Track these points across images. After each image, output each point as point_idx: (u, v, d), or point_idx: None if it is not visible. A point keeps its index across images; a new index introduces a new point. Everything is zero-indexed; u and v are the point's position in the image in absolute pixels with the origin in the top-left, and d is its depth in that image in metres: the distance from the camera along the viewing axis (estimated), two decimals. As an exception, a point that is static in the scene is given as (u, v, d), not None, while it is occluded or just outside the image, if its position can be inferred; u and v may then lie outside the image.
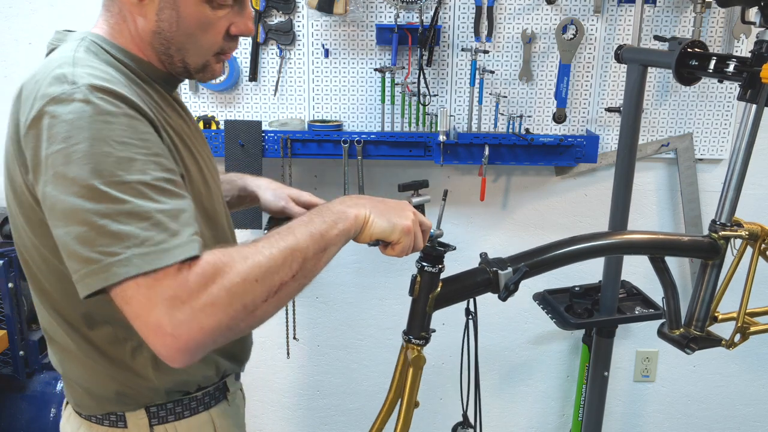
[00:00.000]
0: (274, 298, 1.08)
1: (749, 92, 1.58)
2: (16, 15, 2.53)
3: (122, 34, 1.26)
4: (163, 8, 1.21)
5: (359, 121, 2.60)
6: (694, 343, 1.59)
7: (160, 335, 0.98)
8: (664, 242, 1.50)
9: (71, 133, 1.03)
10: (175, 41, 1.24)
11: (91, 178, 1.01)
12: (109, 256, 0.99)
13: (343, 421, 3.05)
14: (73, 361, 1.31)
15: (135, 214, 1.01)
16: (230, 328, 1.03)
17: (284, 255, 1.09)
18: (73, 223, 1.01)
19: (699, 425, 3.06)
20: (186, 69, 1.29)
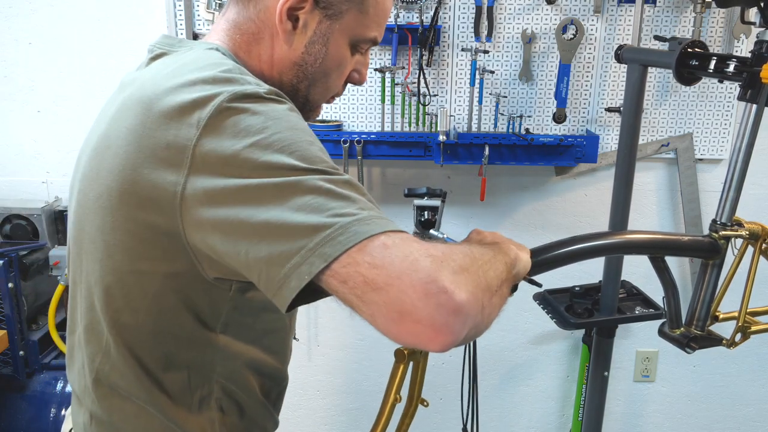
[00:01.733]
0: (498, 293, 0.93)
1: (749, 92, 1.58)
2: (16, 15, 2.52)
3: (248, 54, 1.19)
4: (315, 42, 1.17)
5: (359, 121, 2.60)
6: (694, 342, 1.59)
7: (434, 293, 0.80)
8: (665, 242, 1.50)
9: (267, 124, 0.95)
10: (312, 76, 1.20)
11: (302, 162, 0.91)
12: (347, 216, 0.85)
13: (343, 421, 3.05)
14: (127, 409, 1.17)
15: (354, 185, 0.93)
16: (483, 307, 0.86)
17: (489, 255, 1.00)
18: (291, 196, 0.88)
19: (699, 425, 3.06)
20: (304, 105, 1.23)
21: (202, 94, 0.97)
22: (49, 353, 2.55)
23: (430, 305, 0.80)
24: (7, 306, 2.34)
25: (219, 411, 1.19)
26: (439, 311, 0.80)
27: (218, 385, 1.18)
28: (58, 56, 2.55)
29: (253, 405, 1.25)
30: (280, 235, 0.86)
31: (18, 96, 2.60)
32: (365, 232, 0.84)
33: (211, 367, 1.16)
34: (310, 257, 0.84)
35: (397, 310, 0.80)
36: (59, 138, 2.62)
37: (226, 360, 1.17)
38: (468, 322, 0.82)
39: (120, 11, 2.51)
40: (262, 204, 0.88)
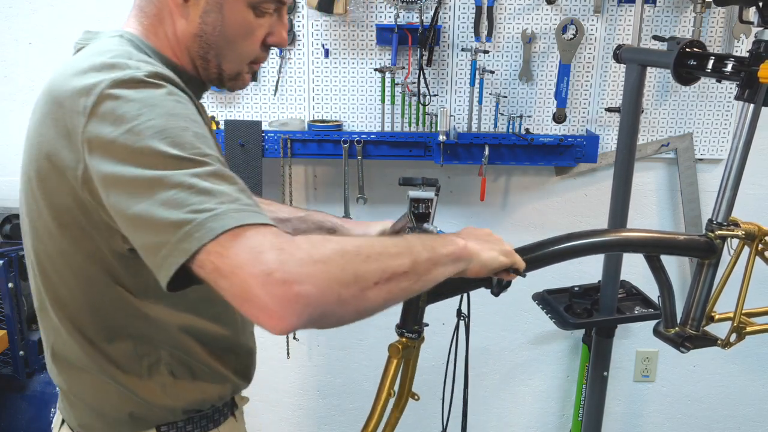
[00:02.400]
0: (385, 286, 0.99)
1: (747, 92, 1.58)
2: (16, 15, 2.53)
3: (157, 35, 1.24)
4: (209, 11, 1.20)
5: (359, 121, 2.61)
6: (689, 341, 1.59)
7: (269, 283, 0.87)
8: (660, 240, 1.50)
9: (141, 111, 0.99)
10: (216, 46, 1.23)
11: (173, 149, 0.96)
12: (203, 212, 0.91)
13: (343, 421, 3.05)
14: (84, 380, 1.25)
15: (223, 176, 0.97)
16: (340, 299, 0.93)
17: (397, 248, 1.04)
18: (158, 191, 0.94)
19: (699, 425, 3.06)
20: (220, 75, 1.28)
21: (87, 82, 1.04)
22: (50, 353, 2.55)
23: (267, 294, 0.87)
24: (7, 306, 2.34)
25: (170, 376, 1.25)
26: (275, 300, 0.87)
27: (165, 351, 1.23)
28: (58, 56, 2.55)
29: (204, 370, 1.29)
30: (149, 228, 0.94)
31: (18, 96, 2.60)
32: (219, 227, 0.90)
33: (152, 336, 1.22)
34: (173, 251, 0.91)
35: (240, 296, 0.89)
36: (60, 138, 2.62)
37: (165, 328, 1.22)
38: (307, 311, 0.89)
39: (120, 11, 2.49)
40: (135, 196, 0.95)
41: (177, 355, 1.25)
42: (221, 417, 1.38)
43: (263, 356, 2.89)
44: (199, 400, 1.31)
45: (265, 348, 2.91)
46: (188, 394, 1.28)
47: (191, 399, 1.29)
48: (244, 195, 0.97)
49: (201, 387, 1.30)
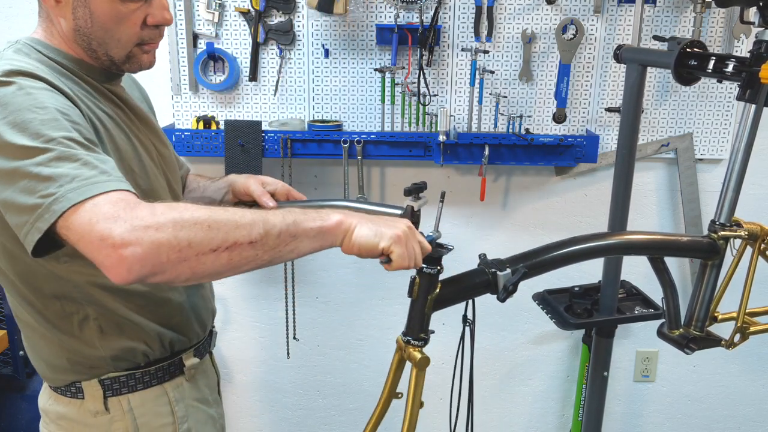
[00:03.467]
0: (224, 254, 1.12)
1: (748, 92, 1.58)
2: (16, 15, 2.53)
3: (53, 35, 1.37)
4: (77, 7, 1.32)
5: (359, 121, 2.60)
6: (693, 343, 1.59)
7: (104, 246, 1.05)
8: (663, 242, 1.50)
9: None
10: (94, 36, 1.35)
11: (22, 140, 1.12)
12: (49, 197, 1.08)
13: (343, 421, 3.05)
14: (34, 336, 1.45)
15: (64, 158, 1.12)
16: (170, 260, 1.08)
17: (247, 220, 1.15)
18: (15, 180, 1.12)
19: (699, 425, 3.06)
20: (112, 61, 1.39)
21: None
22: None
23: (102, 255, 1.06)
24: (7, 306, 2.34)
25: (98, 329, 1.42)
26: (109, 260, 1.06)
27: (91, 308, 1.40)
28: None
29: (127, 323, 1.45)
30: (13, 211, 1.13)
31: (18, 96, 2.59)
32: (59, 209, 1.07)
33: (74, 295, 1.39)
34: (31, 230, 1.10)
35: (88, 256, 1.08)
36: (59, 138, 2.62)
37: (80, 287, 1.38)
38: (135, 268, 1.06)
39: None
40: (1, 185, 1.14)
41: (100, 311, 1.41)
42: (166, 375, 1.52)
43: (263, 356, 2.91)
44: (128, 348, 1.45)
45: (265, 348, 2.94)
46: (115, 345, 1.44)
47: (119, 347, 1.44)
48: (86, 168, 1.11)
49: (127, 339, 1.45)
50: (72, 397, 1.47)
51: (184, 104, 2.57)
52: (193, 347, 1.59)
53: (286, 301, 2.77)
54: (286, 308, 2.78)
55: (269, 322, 2.88)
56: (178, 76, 2.53)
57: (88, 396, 1.46)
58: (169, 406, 1.52)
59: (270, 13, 2.48)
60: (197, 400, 1.59)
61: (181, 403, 1.53)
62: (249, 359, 2.94)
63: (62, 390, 1.48)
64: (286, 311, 2.78)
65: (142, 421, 1.48)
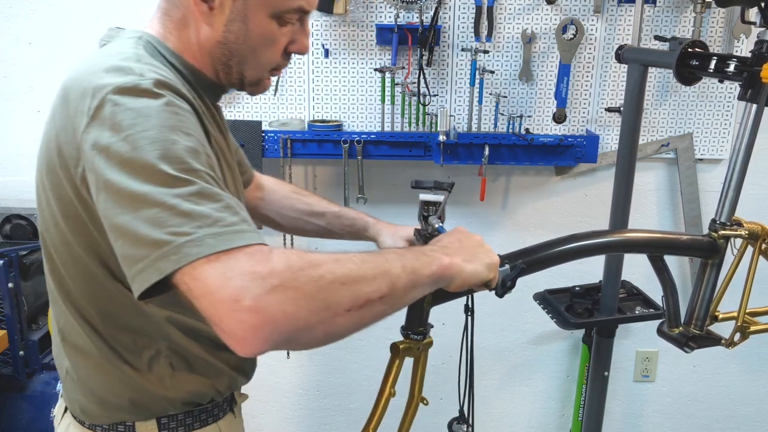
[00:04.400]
0: (357, 312, 1.00)
1: (749, 92, 1.57)
2: (16, 15, 2.53)
3: (180, 39, 1.25)
4: (233, 20, 1.21)
5: (359, 121, 2.60)
6: (693, 341, 1.59)
7: (236, 310, 0.89)
8: (663, 241, 1.50)
9: (137, 121, 1.01)
10: (239, 53, 1.25)
11: (161, 163, 0.98)
12: (181, 236, 0.93)
13: (343, 421, 3.05)
14: (90, 365, 1.29)
15: (206, 195, 0.98)
16: (308, 325, 0.94)
17: (375, 272, 1.03)
18: (142, 207, 0.96)
19: (699, 425, 3.06)
20: (241, 81, 1.30)
21: (95, 83, 1.06)
22: (49, 353, 2.54)
23: (233, 321, 0.89)
24: (7, 306, 2.34)
25: (169, 368, 1.29)
26: (241, 327, 0.89)
27: (163, 344, 1.28)
28: (57, 56, 2.55)
29: (202, 363, 1.33)
30: (129, 241, 0.97)
31: (18, 96, 2.60)
32: (194, 254, 0.92)
33: (149, 330, 1.26)
34: (149, 268, 0.94)
35: (210, 318, 0.92)
36: (59, 138, 2.62)
37: (159, 323, 1.26)
38: (272, 337, 0.91)
39: (120, 11, 2.51)
40: (121, 206, 0.98)
41: (175, 348, 1.29)
42: (220, 412, 1.41)
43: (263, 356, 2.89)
44: (197, 392, 1.34)
45: (265, 348, 2.92)
46: (186, 386, 1.32)
47: (189, 390, 1.32)
48: (228, 213, 0.98)
49: (198, 380, 1.33)
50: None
51: (184, 104, 2.56)
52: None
53: (286, 301, 2.77)
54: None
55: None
56: (179, 76, 2.53)
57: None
58: None
59: (270, 13, 2.47)
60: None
61: None
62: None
63: (105, 428, 1.33)
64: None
65: None
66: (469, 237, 1.31)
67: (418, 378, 1.48)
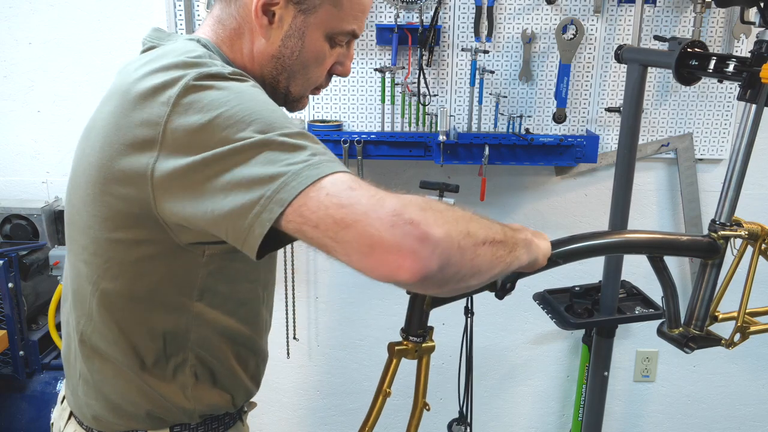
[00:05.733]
0: (490, 248, 0.98)
1: (749, 92, 1.57)
2: (16, 15, 2.53)
3: (232, 48, 1.27)
4: (290, 36, 1.23)
5: (359, 121, 2.60)
6: (693, 342, 1.59)
7: (400, 224, 0.86)
8: (663, 241, 1.50)
9: (230, 97, 1.02)
10: (290, 68, 1.27)
11: (264, 128, 0.98)
12: (298, 165, 0.92)
13: (343, 421, 3.05)
14: (108, 370, 1.26)
15: (309, 136, 1.00)
16: (461, 247, 0.92)
17: (488, 221, 1.04)
18: (252, 154, 0.95)
19: (699, 425, 3.06)
20: (286, 96, 1.31)
21: (171, 76, 1.05)
22: (49, 353, 2.55)
23: (397, 234, 0.85)
24: (7, 306, 2.34)
25: (193, 377, 1.27)
26: (406, 239, 0.85)
27: (193, 353, 1.25)
28: (57, 56, 2.55)
29: (226, 373, 1.32)
30: (240, 188, 0.94)
31: (18, 96, 2.60)
32: (315, 174, 0.91)
33: (187, 335, 1.23)
34: (269, 204, 0.91)
35: (367, 243, 0.87)
36: (59, 138, 2.62)
37: (201, 327, 1.24)
38: (437, 251, 0.87)
39: (120, 11, 2.51)
40: (226, 168, 0.95)
41: (204, 357, 1.27)
42: (231, 420, 1.41)
43: (263, 356, 2.90)
44: (215, 405, 1.33)
45: (265, 348, 2.92)
46: (206, 399, 1.30)
47: (208, 404, 1.31)
48: (330, 154, 0.98)
49: (219, 393, 1.32)
50: None
51: (184, 104, 2.56)
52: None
53: (286, 301, 2.77)
54: (286, 308, 2.78)
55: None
56: (178, 76, 2.53)
57: None
58: None
59: (270, 13, 2.47)
60: None
61: None
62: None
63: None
64: (286, 311, 2.78)
65: None
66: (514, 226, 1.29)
67: (422, 383, 1.47)
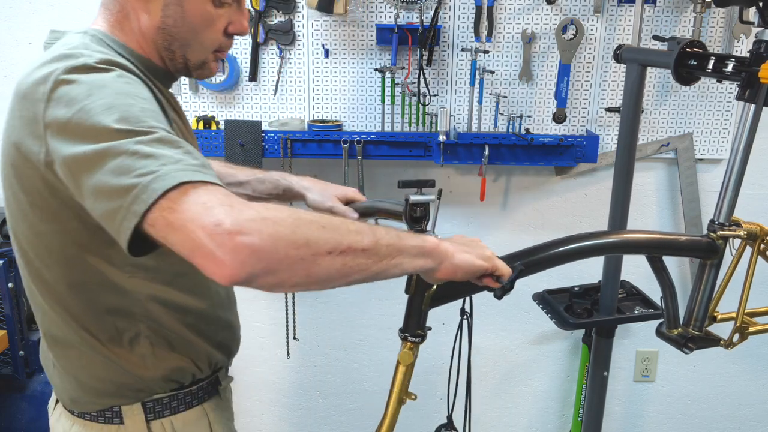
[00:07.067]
0: (339, 258, 1.02)
1: (748, 92, 1.58)
2: (16, 15, 2.53)
3: (123, 30, 1.30)
4: (169, 4, 1.26)
5: (359, 121, 2.60)
6: (692, 342, 1.59)
7: (217, 233, 0.92)
8: (662, 242, 1.50)
9: (92, 91, 1.07)
10: (179, 37, 1.29)
11: (119, 124, 1.02)
12: (148, 175, 0.97)
13: (343, 421, 3.05)
14: (73, 355, 1.33)
15: (167, 141, 1.03)
16: (288, 257, 0.97)
17: (358, 227, 1.08)
18: (107, 161, 1.00)
19: (699, 425, 3.06)
20: (186, 65, 1.34)
21: (45, 72, 1.11)
22: (50, 353, 2.54)
23: (214, 243, 0.92)
24: (7, 306, 2.34)
25: (150, 347, 1.33)
26: (222, 249, 0.92)
27: (144, 325, 1.31)
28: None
29: (181, 342, 1.37)
30: (104, 196, 1.01)
31: (18, 96, 2.60)
32: (162, 187, 0.95)
33: (131, 310, 1.29)
34: (127, 215, 0.97)
35: (190, 247, 0.94)
36: (59, 138, 2.62)
37: (142, 302, 1.30)
38: (251, 260, 0.94)
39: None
40: (90, 169, 1.02)
41: (154, 327, 1.32)
42: (206, 394, 1.45)
43: (263, 356, 2.91)
44: (177, 368, 1.38)
45: (265, 348, 2.93)
46: (167, 363, 1.35)
47: (170, 368, 1.36)
48: (189, 157, 1.02)
49: (179, 357, 1.37)
50: (107, 423, 1.36)
51: (184, 104, 2.57)
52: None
53: (286, 301, 2.77)
54: (286, 308, 2.78)
55: (269, 322, 2.88)
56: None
57: (128, 421, 1.35)
58: (209, 428, 1.46)
59: (270, 13, 2.48)
60: (228, 418, 1.56)
61: (218, 424, 1.48)
62: (249, 359, 2.94)
63: (92, 416, 1.37)
64: (286, 311, 2.78)
65: None
66: (466, 237, 1.35)
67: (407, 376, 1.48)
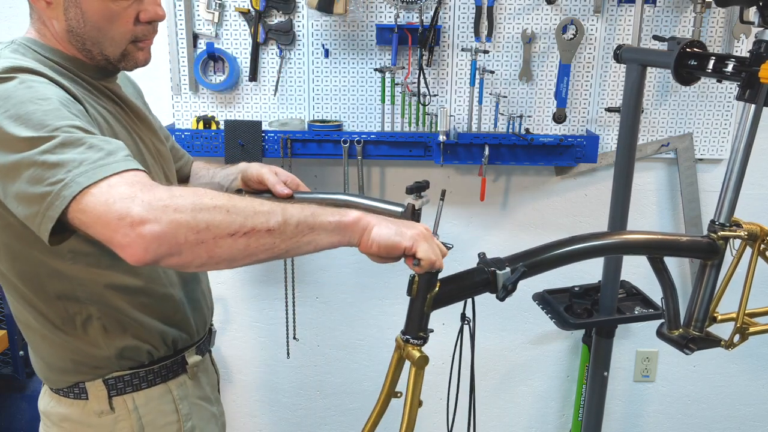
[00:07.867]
0: (242, 239, 1.11)
1: (748, 92, 1.58)
2: (16, 15, 2.53)
3: (46, 36, 1.37)
4: (68, 8, 1.32)
5: (359, 121, 2.60)
6: (693, 343, 1.59)
7: (122, 226, 1.05)
8: (663, 242, 1.50)
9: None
10: (88, 36, 1.35)
11: (25, 132, 1.11)
12: (57, 184, 1.08)
13: (343, 421, 3.05)
14: (35, 338, 1.44)
15: (69, 143, 1.11)
16: (188, 241, 1.07)
17: (266, 208, 1.15)
18: (22, 171, 1.11)
19: (699, 425, 3.06)
20: (107, 60, 1.39)
21: None
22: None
23: (120, 234, 1.05)
24: (7, 306, 2.34)
25: (102, 329, 1.42)
26: (126, 238, 1.05)
27: (93, 307, 1.40)
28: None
29: (132, 323, 1.45)
30: (24, 202, 1.12)
31: (18, 96, 2.60)
32: (70, 194, 1.07)
33: (78, 296, 1.38)
34: (44, 220, 1.10)
35: (103, 238, 1.08)
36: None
37: (87, 285, 1.38)
38: (153, 246, 1.06)
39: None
40: (11, 179, 1.13)
41: (104, 309, 1.41)
42: (170, 373, 1.53)
43: (263, 356, 2.91)
44: (131, 347, 1.46)
45: (265, 348, 2.94)
46: (119, 343, 1.44)
47: (123, 346, 1.44)
48: (92, 151, 1.11)
49: (131, 336, 1.45)
50: (75, 398, 1.46)
51: (184, 104, 2.57)
52: (195, 345, 1.60)
53: (286, 301, 2.77)
54: (286, 308, 2.78)
55: (269, 322, 2.88)
56: (178, 76, 2.53)
57: (92, 396, 1.45)
58: (173, 405, 1.52)
59: (270, 13, 2.48)
60: (200, 398, 1.60)
61: (185, 401, 1.54)
62: (249, 359, 2.94)
63: (64, 392, 1.47)
64: (286, 311, 2.78)
65: (147, 420, 1.48)
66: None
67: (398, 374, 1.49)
